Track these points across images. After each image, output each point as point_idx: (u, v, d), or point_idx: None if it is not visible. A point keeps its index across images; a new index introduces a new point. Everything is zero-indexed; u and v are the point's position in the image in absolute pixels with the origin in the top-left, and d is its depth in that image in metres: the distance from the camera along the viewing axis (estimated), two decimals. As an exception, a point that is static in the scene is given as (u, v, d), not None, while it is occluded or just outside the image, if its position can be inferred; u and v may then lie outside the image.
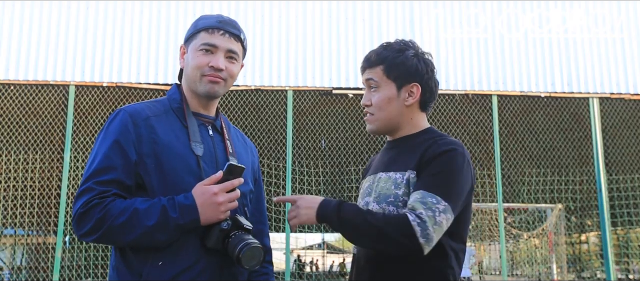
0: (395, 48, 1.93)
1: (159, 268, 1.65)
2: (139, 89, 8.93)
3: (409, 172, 1.79)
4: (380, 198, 1.81)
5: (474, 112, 10.03)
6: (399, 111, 1.91)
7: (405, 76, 1.89)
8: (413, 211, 1.66)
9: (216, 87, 1.82)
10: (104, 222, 1.61)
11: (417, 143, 1.87)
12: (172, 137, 1.75)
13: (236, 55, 1.86)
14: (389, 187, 1.81)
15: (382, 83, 1.90)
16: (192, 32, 1.87)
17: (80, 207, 1.63)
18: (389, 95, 1.89)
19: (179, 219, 1.62)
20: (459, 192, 1.75)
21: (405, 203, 1.76)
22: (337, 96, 9.52)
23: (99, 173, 1.66)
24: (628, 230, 14.19)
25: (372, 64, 1.92)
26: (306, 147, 10.91)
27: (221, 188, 1.67)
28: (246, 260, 1.64)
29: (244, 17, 9.04)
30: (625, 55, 9.45)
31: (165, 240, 1.64)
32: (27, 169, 10.28)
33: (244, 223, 1.72)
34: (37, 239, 12.49)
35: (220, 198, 1.66)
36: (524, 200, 11.84)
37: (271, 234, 12.08)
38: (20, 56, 8.65)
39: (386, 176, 1.85)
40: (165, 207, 1.63)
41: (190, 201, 1.65)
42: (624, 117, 10.27)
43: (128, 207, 1.62)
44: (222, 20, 1.85)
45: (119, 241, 1.65)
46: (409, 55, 1.91)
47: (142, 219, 1.61)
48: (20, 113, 9.78)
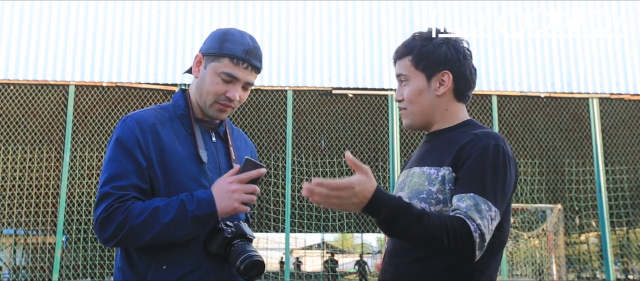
0: (424, 37, 1.84)
1: (162, 272, 1.68)
2: (139, 89, 8.93)
3: (444, 168, 1.69)
4: (412, 194, 1.73)
5: (474, 112, 10.02)
6: (431, 103, 1.81)
7: (434, 65, 1.79)
8: (472, 221, 1.56)
9: (224, 114, 1.85)
10: (125, 224, 1.63)
11: (454, 136, 1.76)
12: (177, 144, 1.78)
13: (251, 85, 1.87)
14: (421, 182, 1.72)
15: (411, 76, 1.81)
16: (216, 53, 1.80)
17: (101, 211, 1.65)
18: (419, 87, 1.80)
19: (196, 211, 1.64)
20: (506, 194, 1.67)
21: (438, 200, 1.67)
22: (337, 96, 9.52)
23: (115, 178, 1.69)
24: (628, 230, 14.20)
25: (400, 55, 1.84)
26: (306, 147, 10.91)
27: (235, 179, 1.68)
28: (246, 271, 1.66)
29: (244, 16, 9.04)
30: (625, 55, 9.46)
31: (183, 235, 1.66)
32: (27, 169, 10.28)
33: (247, 233, 1.73)
34: (36, 239, 12.49)
35: (234, 186, 1.67)
36: (524, 200, 11.83)
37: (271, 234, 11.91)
38: (20, 56, 8.64)
39: (420, 171, 1.76)
40: (183, 202, 1.65)
41: (208, 194, 1.67)
42: (623, 117, 10.27)
43: (148, 206, 1.65)
44: (249, 51, 1.80)
45: (139, 241, 1.66)
46: (437, 42, 1.81)
47: (160, 216, 1.63)
48: (20, 112, 9.78)
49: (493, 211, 1.59)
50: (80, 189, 10.13)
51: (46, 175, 10.38)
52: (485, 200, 1.59)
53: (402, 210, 1.54)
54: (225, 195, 1.67)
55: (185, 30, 8.92)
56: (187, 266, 1.70)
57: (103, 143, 10.49)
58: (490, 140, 1.67)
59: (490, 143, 1.66)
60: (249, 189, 1.69)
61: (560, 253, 12.56)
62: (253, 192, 1.70)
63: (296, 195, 10.38)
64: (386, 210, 1.53)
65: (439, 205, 1.67)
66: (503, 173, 1.65)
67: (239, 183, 1.68)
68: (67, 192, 8.84)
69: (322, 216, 10.70)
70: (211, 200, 1.66)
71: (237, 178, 1.69)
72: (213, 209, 1.66)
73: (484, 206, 1.58)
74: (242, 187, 1.68)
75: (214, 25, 8.64)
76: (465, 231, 1.53)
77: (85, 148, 10.36)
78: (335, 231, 12.66)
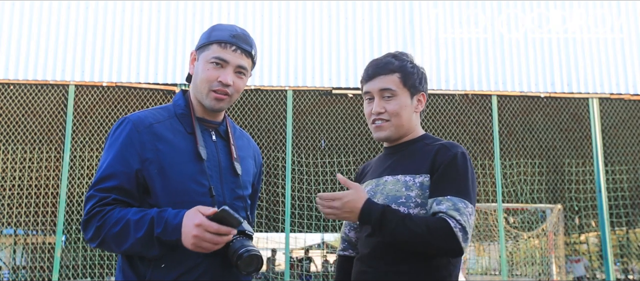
0: (405, 58, 2.03)
1: (162, 270, 1.70)
2: (139, 89, 8.93)
3: (423, 175, 1.89)
4: (388, 200, 1.90)
5: (474, 112, 10.03)
6: (409, 118, 2.02)
7: (416, 86, 2.01)
8: (452, 218, 1.78)
9: (221, 103, 1.85)
10: (102, 231, 1.67)
11: (420, 148, 1.99)
12: (175, 142, 1.79)
13: (245, 70, 1.88)
14: (397, 189, 1.90)
15: (399, 92, 1.98)
16: (204, 42, 1.87)
17: (85, 214, 1.72)
18: (406, 103, 1.99)
19: (162, 235, 1.63)
20: (475, 193, 1.90)
21: (417, 204, 1.87)
22: (337, 96, 9.52)
23: (102, 180, 1.73)
24: (627, 230, 14.20)
25: (388, 71, 1.99)
26: (306, 146, 10.91)
27: (204, 226, 1.59)
28: (244, 265, 1.66)
29: (244, 16, 9.04)
30: (625, 55, 9.46)
31: (157, 253, 1.65)
32: (27, 168, 10.28)
33: (246, 229, 1.74)
34: (36, 239, 12.49)
35: (195, 231, 1.58)
36: (523, 200, 11.84)
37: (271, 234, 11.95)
38: (20, 56, 8.64)
39: (393, 179, 1.94)
40: (153, 221, 1.63)
41: (178, 220, 1.63)
42: (623, 118, 10.27)
43: (122, 217, 1.66)
44: (235, 35, 1.85)
45: (114, 249, 1.70)
46: (416, 66, 2.04)
47: (132, 231, 1.64)
48: (20, 112, 9.78)
49: (470, 207, 1.83)
50: (80, 189, 10.13)
51: (46, 175, 10.38)
52: (461, 199, 1.82)
53: (389, 215, 1.80)
54: (187, 233, 1.60)
55: (185, 30, 8.92)
56: (186, 264, 1.71)
57: (103, 143, 10.49)
58: (457, 149, 1.90)
59: (458, 151, 1.89)
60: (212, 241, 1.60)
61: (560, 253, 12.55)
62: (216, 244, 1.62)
63: (296, 195, 10.39)
64: (375, 216, 1.80)
65: (417, 208, 1.87)
66: (472, 176, 1.90)
67: (204, 232, 1.58)
68: (67, 192, 8.85)
69: (322, 216, 10.71)
70: (178, 228, 1.61)
71: (205, 226, 1.58)
72: (177, 236, 1.61)
73: (461, 204, 1.81)
74: (204, 235, 1.58)
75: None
76: (446, 227, 1.76)
77: (85, 148, 10.36)
78: (335, 231, 12.66)
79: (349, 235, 2.14)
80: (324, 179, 10.84)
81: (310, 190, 10.61)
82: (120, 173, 1.71)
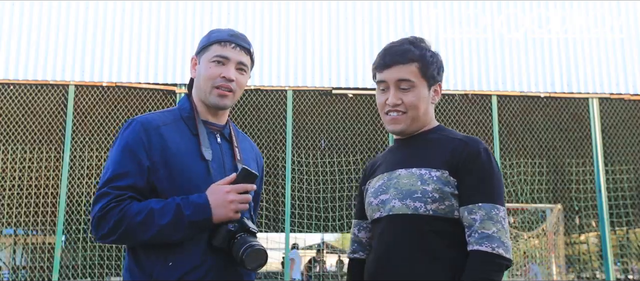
0: (424, 46, 1.89)
1: (168, 268, 1.74)
2: (139, 89, 8.93)
3: (441, 170, 1.78)
4: (403, 194, 1.80)
5: (474, 112, 10.02)
6: (426, 110, 1.90)
7: (435, 76, 1.89)
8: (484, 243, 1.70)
9: (225, 100, 1.90)
10: (123, 223, 1.70)
11: (435, 139, 1.87)
12: (182, 144, 1.84)
13: (245, 67, 1.94)
14: (413, 182, 1.80)
15: (418, 82, 1.85)
16: (204, 45, 1.94)
17: (98, 210, 1.73)
18: (423, 95, 1.87)
19: (191, 216, 1.70)
20: (503, 190, 1.82)
21: (434, 199, 1.76)
22: (337, 96, 9.52)
23: (114, 179, 1.76)
24: (627, 230, 14.20)
25: (407, 60, 1.84)
26: (306, 146, 10.91)
27: (233, 189, 1.75)
28: (249, 261, 1.70)
29: (244, 17, 9.04)
30: (625, 55, 9.45)
31: (180, 237, 1.72)
32: (27, 168, 10.28)
33: (250, 226, 1.78)
34: (36, 239, 12.49)
35: (231, 197, 1.73)
36: (524, 200, 11.83)
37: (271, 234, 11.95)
38: (20, 56, 8.64)
39: (407, 172, 1.82)
40: (179, 205, 1.71)
41: (203, 199, 1.73)
42: (623, 118, 10.27)
43: (144, 207, 1.72)
44: (234, 34, 1.94)
45: (136, 239, 1.73)
46: (435, 54, 1.90)
47: (157, 218, 1.69)
48: (20, 112, 9.78)
49: (502, 211, 1.75)
50: (80, 189, 10.13)
51: (46, 175, 10.38)
52: (493, 205, 1.74)
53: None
54: (222, 204, 1.73)
55: (185, 30, 8.92)
56: (192, 262, 1.75)
57: (103, 143, 10.49)
58: (479, 145, 1.80)
59: (481, 148, 1.80)
60: (244, 200, 1.77)
61: (559, 253, 12.55)
62: (247, 202, 1.78)
63: (296, 195, 10.38)
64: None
65: (435, 203, 1.77)
66: (497, 174, 1.81)
67: (236, 194, 1.75)
68: (67, 192, 8.84)
69: (322, 216, 10.71)
70: (206, 206, 1.72)
71: (234, 188, 1.76)
72: (208, 215, 1.72)
73: (493, 211, 1.73)
74: (239, 197, 1.76)
75: (213, 26, 8.63)
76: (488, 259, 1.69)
77: (85, 148, 10.35)
78: (335, 231, 12.66)
79: (359, 235, 2.05)
80: (324, 179, 10.83)
81: (310, 190, 10.61)
82: (133, 172, 1.76)
